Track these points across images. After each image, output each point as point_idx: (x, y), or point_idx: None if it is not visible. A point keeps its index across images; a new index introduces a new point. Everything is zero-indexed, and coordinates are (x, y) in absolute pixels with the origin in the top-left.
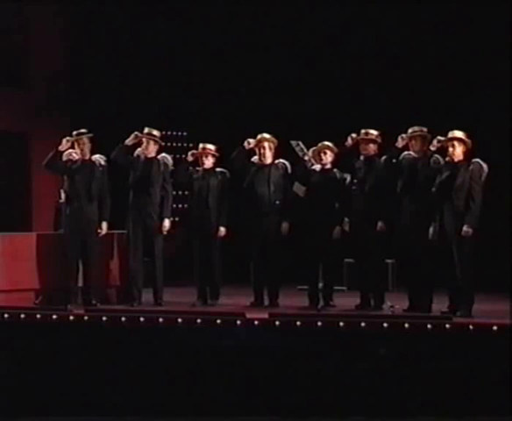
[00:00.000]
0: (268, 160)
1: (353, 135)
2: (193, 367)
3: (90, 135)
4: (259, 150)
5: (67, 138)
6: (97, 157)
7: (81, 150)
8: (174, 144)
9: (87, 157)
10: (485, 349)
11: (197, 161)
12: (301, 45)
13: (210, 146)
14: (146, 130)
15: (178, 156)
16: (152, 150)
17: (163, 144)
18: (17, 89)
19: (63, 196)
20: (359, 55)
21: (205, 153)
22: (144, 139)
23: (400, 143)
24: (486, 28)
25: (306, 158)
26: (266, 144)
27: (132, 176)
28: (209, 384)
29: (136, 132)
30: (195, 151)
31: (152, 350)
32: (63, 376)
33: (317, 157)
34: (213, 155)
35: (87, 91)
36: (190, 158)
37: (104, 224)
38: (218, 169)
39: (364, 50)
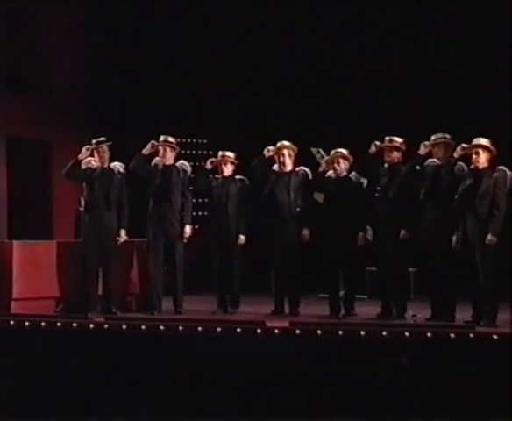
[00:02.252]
0: (288, 167)
1: (377, 142)
2: (213, 376)
3: (109, 143)
4: (279, 158)
5: (87, 146)
6: (116, 164)
7: (101, 158)
8: (194, 151)
9: (106, 165)
10: (509, 359)
11: (216, 169)
12: (326, 51)
13: (230, 154)
14: (162, 138)
15: (197, 164)
16: (169, 157)
17: (180, 150)
18: (37, 97)
19: (83, 203)
20: (382, 57)
21: (224, 160)
22: (160, 147)
23: (422, 150)
24: None
25: (322, 165)
26: (285, 151)
27: (152, 185)
28: (229, 393)
29: (152, 141)
30: (214, 159)
31: (171, 358)
32: (83, 384)
33: (331, 166)
34: (232, 163)
35: (107, 99)
36: (209, 166)
37: (123, 232)
38: (237, 177)
39: (386, 52)
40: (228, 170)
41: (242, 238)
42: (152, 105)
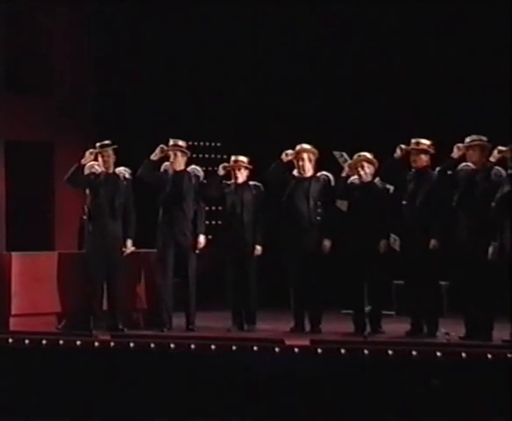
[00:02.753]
0: (308, 172)
1: (402, 146)
2: (227, 398)
3: (115, 147)
4: (298, 162)
5: (91, 150)
6: (121, 170)
7: (105, 163)
8: (206, 155)
9: (111, 170)
10: None
11: (229, 175)
12: (343, 56)
13: (243, 159)
14: (171, 142)
15: (210, 168)
16: (180, 162)
17: (191, 155)
18: (37, 98)
19: (87, 211)
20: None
21: (238, 165)
22: (171, 152)
23: (456, 153)
24: None
25: (345, 170)
26: (305, 155)
27: (162, 192)
28: (244, 416)
29: (161, 145)
30: (226, 164)
31: (183, 379)
32: (87, 407)
33: (355, 170)
34: (246, 168)
35: (111, 99)
36: (222, 171)
37: (130, 242)
38: (252, 183)
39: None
40: (242, 176)
41: (258, 248)
42: (159, 106)
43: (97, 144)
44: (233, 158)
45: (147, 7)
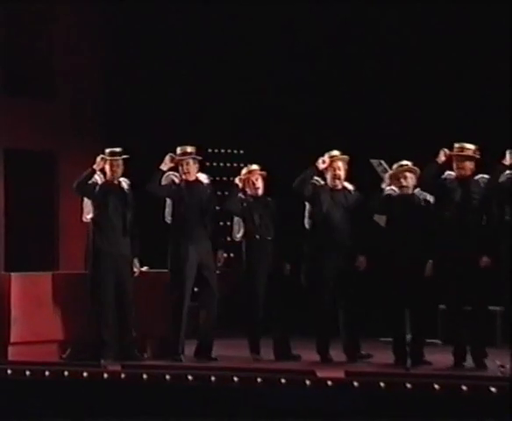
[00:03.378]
0: (342, 183)
1: (446, 150)
2: None
3: (127, 157)
4: (334, 171)
5: (102, 155)
6: (122, 180)
7: (113, 173)
8: (228, 164)
9: (116, 181)
10: None
11: (244, 186)
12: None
13: (256, 167)
14: (179, 150)
15: (232, 179)
16: (193, 171)
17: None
18: (39, 102)
19: (92, 226)
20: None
21: (254, 176)
22: (183, 161)
23: (508, 160)
24: None
25: (385, 180)
26: (340, 164)
27: (178, 207)
28: None
29: (170, 154)
30: (242, 176)
31: (202, 414)
32: None
33: (396, 182)
34: (263, 178)
35: (121, 104)
36: (239, 183)
37: (137, 262)
38: (269, 198)
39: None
40: (260, 187)
41: (286, 267)
42: (172, 110)
43: (107, 150)
44: (250, 167)
45: (155, 5)
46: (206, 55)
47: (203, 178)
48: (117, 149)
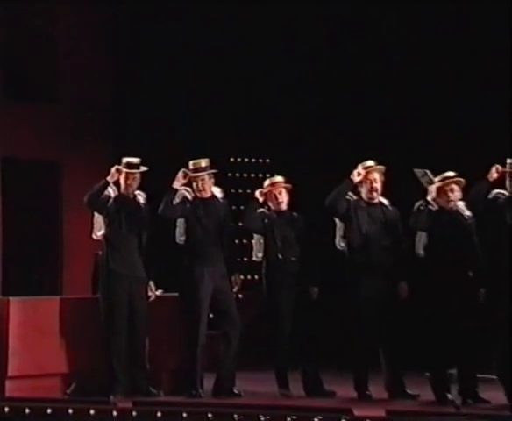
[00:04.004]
0: (379, 197)
1: (499, 166)
2: None
3: (145, 170)
4: (372, 184)
5: (117, 166)
6: (138, 193)
7: (128, 186)
8: (253, 174)
9: (132, 195)
10: None
11: (266, 201)
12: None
13: (281, 179)
14: (192, 165)
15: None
16: (209, 188)
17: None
18: (42, 107)
19: (105, 246)
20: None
21: (277, 189)
22: (197, 178)
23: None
24: None
25: (430, 193)
26: (376, 175)
27: (193, 227)
28: None
29: (183, 170)
30: (263, 189)
31: None
32: None
33: (443, 196)
34: (288, 191)
35: (130, 109)
36: (260, 197)
37: (153, 285)
38: (295, 213)
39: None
40: (284, 201)
41: (315, 290)
42: (186, 115)
43: (124, 160)
44: (274, 179)
45: (157, 5)
46: (219, 55)
47: (218, 193)
48: (135, 160)
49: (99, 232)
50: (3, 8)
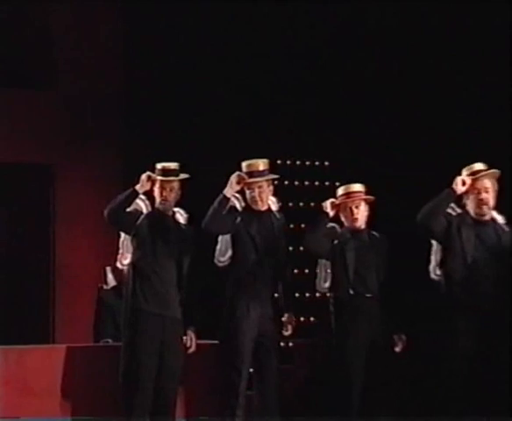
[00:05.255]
0: (492, 211)
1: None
2: None
3: (187, 177)
4: (479, 193)
5: (149, 173)
6: (177, 210)
7: (165, 199)
8: (307, 181)
9: (170, 211)
10: None
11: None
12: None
13: (360, 187)
14: (246, 167)
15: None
16: (267, 197)
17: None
18: (34, 94)
19: (110, 277)
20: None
21: (355, 201)
22: (254, 185)
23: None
24: None
25: None
26: (487, 183)
27: (241, 248)
28: None
29: (239, 173)
30: (334, 200)
31: None
32: None
33: None
34: (368, 204)
35: (143, 100)
36: (330, 211)
37: (193, 331)
38: (374, 233)
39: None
40: (362, 216)
41: (403, 338)
42: (215, 106)
43: (158, 165)
44: (349, 188)
45: None
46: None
47: (273, 204)
48: (173, 165)
49: (125, 260)
50: None
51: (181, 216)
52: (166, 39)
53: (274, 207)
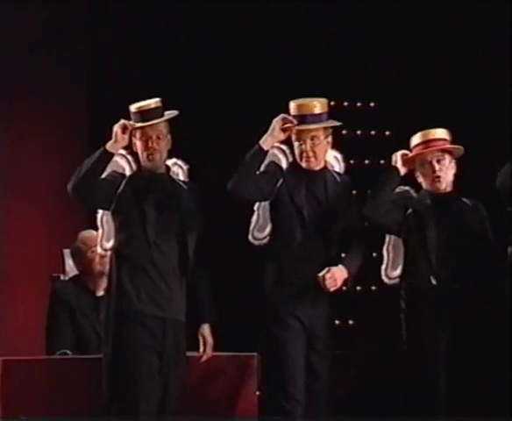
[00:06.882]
0: None
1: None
2: None
3: (175, 114)
4: None
5: (123, 122)
6: (173, 163)
7: (151, 152)
8: (363, 153)
9: (162, 168)
10: None
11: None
12: None
13: (442, 134)
14: (294, 108)
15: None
16: (323, 153)
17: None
18: None
19: (70, 263)
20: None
21: (435, 153)
22: (303, 133)
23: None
24: None
25: None
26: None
27: (283, 220)
28: None
29: (284, 115)
30: (410, 151)
31: None
32: None
33: None
34: (451, 155)
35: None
36: (401, 167)
37: (209, 333)
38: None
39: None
40: (446, 176)
41: None
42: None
43: (132, 107)
44: (422, 135)
45: None
46: None
47: (334, 161)
48: (153, 103)
49: (108, 244)
50: None
51: (179, 169)
52: None
53: (338, 166)
